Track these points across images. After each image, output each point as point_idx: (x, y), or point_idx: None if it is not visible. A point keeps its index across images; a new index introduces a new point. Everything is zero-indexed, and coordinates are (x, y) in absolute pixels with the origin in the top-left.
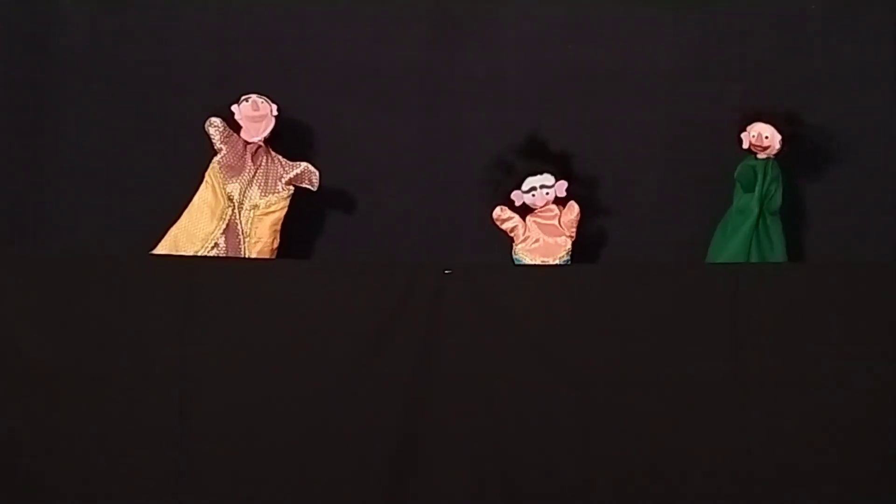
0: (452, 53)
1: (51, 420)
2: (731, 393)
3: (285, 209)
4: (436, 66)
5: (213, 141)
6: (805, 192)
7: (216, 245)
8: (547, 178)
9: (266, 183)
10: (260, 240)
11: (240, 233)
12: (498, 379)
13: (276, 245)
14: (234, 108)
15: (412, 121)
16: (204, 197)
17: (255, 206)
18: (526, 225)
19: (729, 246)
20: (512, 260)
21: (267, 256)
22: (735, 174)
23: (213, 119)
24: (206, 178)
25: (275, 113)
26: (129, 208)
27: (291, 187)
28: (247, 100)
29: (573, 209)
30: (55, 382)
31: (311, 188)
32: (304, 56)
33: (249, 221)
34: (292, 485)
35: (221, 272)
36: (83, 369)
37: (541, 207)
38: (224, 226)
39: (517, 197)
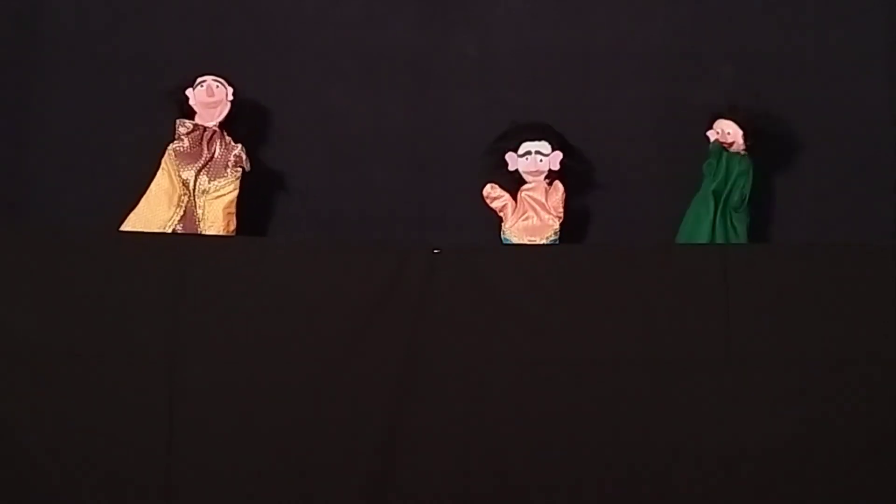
0: (443, 33)
1: (39, 399)
2: (721, 373)
3: (236, 191)
4: (426, 47)
5: (180, 134)
6: (795, 176)
7: (174, 232)
8: (543, 146)
9: (217, 167)
10: (214, 224)
11: (196, 219)
12: (488, 360)
13: (231, 228)
14: (188, 92)
15: (402, 101)
16: (161, 184)
17: (205, 191)
18: (516, 203)
19: (694, 233)
20: (500, 240)
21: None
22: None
23: (185, 120)
24: (163, 164)
25: (230, 97)
26: (115, 188)
27: (239, 169)
28: (202, 84)
29: (558, 189)
30: (43, 362)
31: (245, 168)
32: (293, 37)
33: (202, 206)
34: (282, 464)
35: (212, 251)
36: (71, 348)
37: (532, 176)
38: (181, 212)
39: (511, 159)
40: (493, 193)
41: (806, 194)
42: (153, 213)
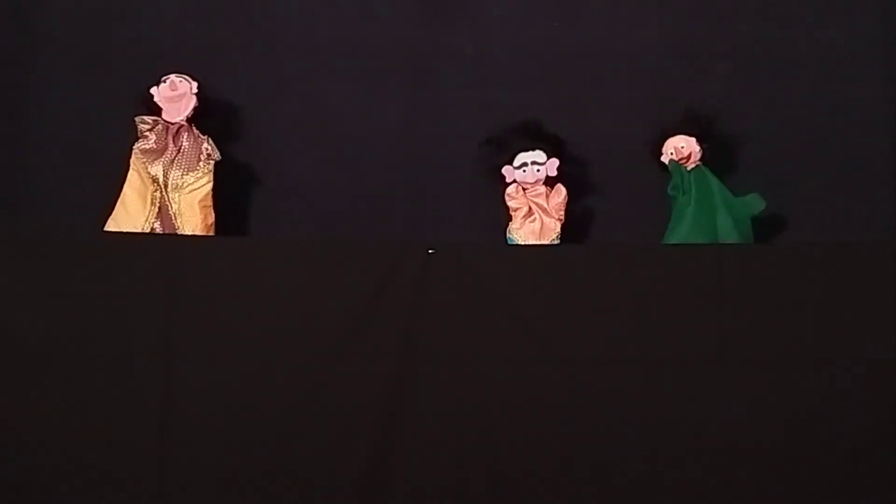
0: (438, 31)
1: (34, 399)
2: (716, 372)
3: (210, 183)
4: (422, 44)
5: (142, 130)
6: (792, 175)
7: (153, 230)
8: (539, 155)
9: (189, 161)
10: (191, 219)
11: (171, 214)
12: (483, 359)
13: (210, 221)
14: (153, 90)
15: (398, 99)
16: (133, 185)
17: (179, 186)
18: (530, 209)
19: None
20: (505, 239)
21: (203, 234)
22: (668, 186)
23: (143, 116)
24: (131, 165)
25: (195, 90)
26: (111, 188)
27: (211, 162)
28: (165, 81)
29: (560, 192)
30: (37, 361)
31: (215, 159)
32: (289, 33)
33: (177, 201)
34: (276, 463)
35: (206, 250)
36: (65, 348)
37: (531, 185)
38: (156, 209)
39: (508, 172)
40: (516, 195)
41: (803, 193)
42: (130, 216)
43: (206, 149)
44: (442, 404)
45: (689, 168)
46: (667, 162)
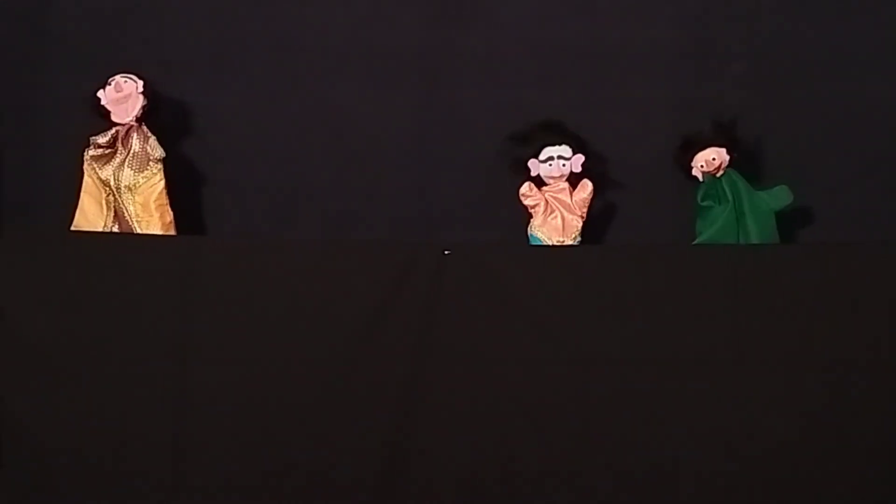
0: (451, 31)
1: (50, 398)
2: (730, 372)
3: (162, 182)
4: (435, 44)
5: (96, 142)
6: (806, 175)
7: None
8: (565, 150)
9: (140, 162)
10: (150, 219)
11: (128, 217)
12: (497, 359)
13: (168, 220)
14: (99, 93)
15: (411, 99)
16: (88, 191)
17: (130, 188)
18: (548, 204)
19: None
20: (527, 238)
21: (163, 233)
22: (699, 197)
23: (96, 138)
24: (85, 172)
25: (140, 90)
26: None
27: (160, 163)
28: (110, 83)
29: (586, 187)
30: (54, 361)
31: (157, 157)
32: (302, 35)
33: (132, 203)
34: (290, 462)
35: (221, 251)
36: (82, 350)
37: (555, 180)
38: (112, 213)
39: (534, 165)
40: (530, 193)
41: (820, 193)
42: (89, 222)
43: (150, 151)
44: (457, 404)
45: (719, 175)
46: (699, 176)
